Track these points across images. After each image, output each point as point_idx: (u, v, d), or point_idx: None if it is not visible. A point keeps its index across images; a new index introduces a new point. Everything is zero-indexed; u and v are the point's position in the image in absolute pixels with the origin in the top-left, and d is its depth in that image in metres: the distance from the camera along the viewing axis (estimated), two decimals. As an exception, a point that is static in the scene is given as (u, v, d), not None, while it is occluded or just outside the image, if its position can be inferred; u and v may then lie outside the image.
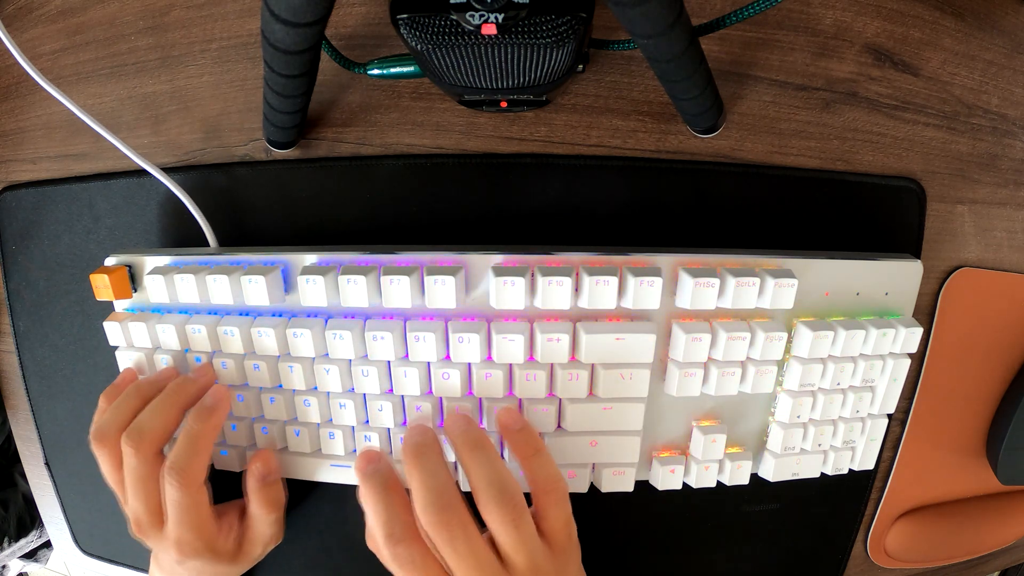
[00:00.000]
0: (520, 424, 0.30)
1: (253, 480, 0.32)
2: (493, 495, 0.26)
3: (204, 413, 0.30)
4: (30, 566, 0.71)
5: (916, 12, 0.35)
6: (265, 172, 0.36)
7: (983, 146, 0.37)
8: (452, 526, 0.26)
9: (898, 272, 0.33)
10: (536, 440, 0.29)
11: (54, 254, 0.39)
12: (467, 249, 0.31)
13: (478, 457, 0.28)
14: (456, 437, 0.29)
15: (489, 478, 0.27)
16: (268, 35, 0.25)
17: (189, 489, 0.29)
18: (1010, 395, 0.41)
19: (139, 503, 0.30)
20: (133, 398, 0.30)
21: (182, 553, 0.30)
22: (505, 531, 0.26)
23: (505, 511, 0.26)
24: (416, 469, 0.28)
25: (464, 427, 0.29)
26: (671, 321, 0.31)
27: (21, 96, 0.39)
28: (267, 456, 0.33)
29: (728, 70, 0.34)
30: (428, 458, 0.28)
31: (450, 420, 0.30)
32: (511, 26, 0.22)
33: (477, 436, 0.29)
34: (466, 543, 0.26)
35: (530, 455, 0.29)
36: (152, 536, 0.30)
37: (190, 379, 0.31)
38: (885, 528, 0.43)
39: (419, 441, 0.29)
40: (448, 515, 0.26)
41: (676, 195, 0.35)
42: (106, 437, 0.30)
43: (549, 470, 0.28)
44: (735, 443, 0.35)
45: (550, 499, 0.28)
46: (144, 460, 0.29)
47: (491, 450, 0.28)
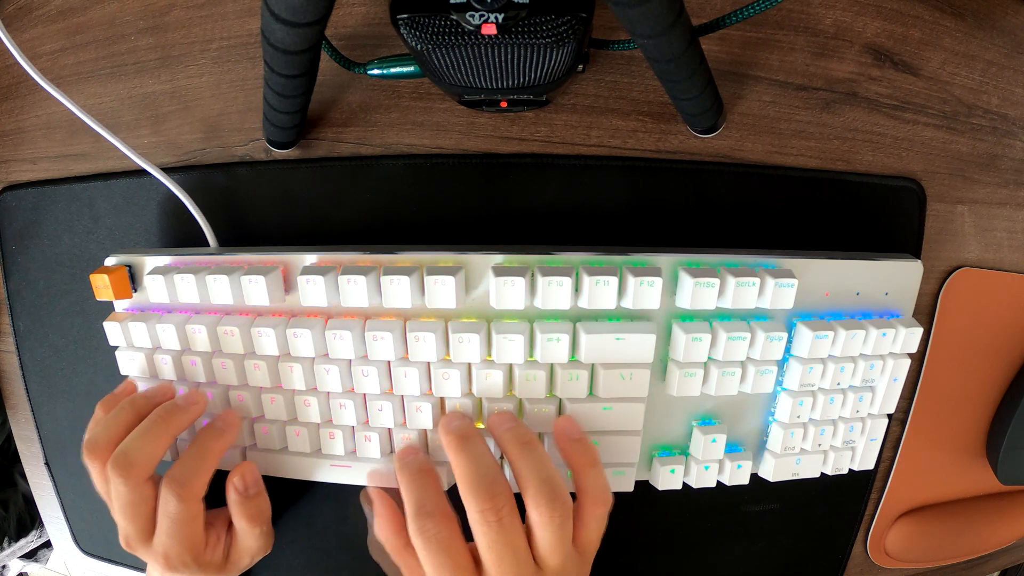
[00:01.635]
0: (579, 434, 0.30)
1: (235, 494, 0.32)
2: (545, 492, 0.26)
3: (215, 433, 0.31)
4: (30, 566, 0.71)
5: (916, 12, 0.35)
6: (265, 172, 0.36)
7: (983, 146, 0.37)
8: (502, 511, 0.26)
9: (898, 272, 0.33)
10: (593, 451, 0.29)
11: (54, 254, 0.39)
12: (467, 249, 0.31)
13: (529, 453, 0.28)
14: (504, 433, 0.29)
15: (542, 476, 0.27)
16: (268, 35, 0.25)
17: (188, 504, 0.29)
18: (1010, 395, 0.41)
19: (127, 523, 0.29)
20: (127, 412, 0.30)
21: (169, 566, 0.30)
22: (549, 531, 0.26)
23: (555, 511, 0.26)
24: (463, 453, 0.28)
25: (512, 424, 0.29)
26: (671, 321, 0.31)
27: (21, 96, 0.39)
28: (246, 468, 0.32)
29: (728, 70, 0.34)
30: (474, 443, 0.28)
31: (496, 418, 0.30)
32: (511, 26, 0.22)
33: (527, 434, 0.29)
34: (512, 532, 0.26)
35: (587, 465, 0.29)
36: (140, 550, 0.30)
37: (181, 407, 0.31)
38: (885, 528, 0.43)
39: (461, 426, 0.29)
40: (499, 500, 0.26)
41: (676, 195, 0.35)
42: (98, 450, 0.29)
43: (601, 483, 0.29)
44: (735, 443, 0.35)
45: (597, 511, 0.28)
46: (133, 488, 0.28)
47: (542, 449, 0.28)
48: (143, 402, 0.31)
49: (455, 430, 0.29)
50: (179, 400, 0.31)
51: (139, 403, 0.31)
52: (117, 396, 0.33)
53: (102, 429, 0.30)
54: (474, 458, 0.28)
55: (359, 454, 0.33)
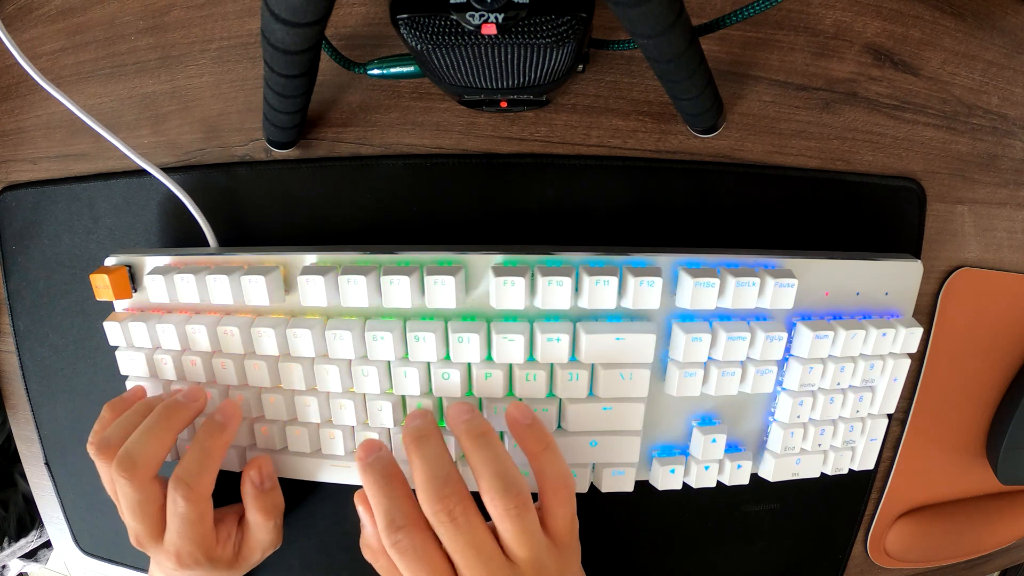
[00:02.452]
0: (530, 419, 0.29)
1: (250, 487, 0.32)
2: (498, 486, 0.26)
3: (215, 428, 0.30)
4: (30, 566, 0.71)
5: (916, 12, 0.35)
6: (265, 172, 0.36)
7: (983, 146, 0.37)
8: (454, 511, 0.25)
9: (898, 272, 0.33)
10: (546, 435, 0.29)
11: (54, 254, 0.39)
12: (467, 249, 0.31)
13: (482, 447, 0.27)
14: (459, 427, 0.29)
15: (494, 469, 0.26)
16: (268, 35, 0.25)
17: (196, 504, 0.29)
18: (1010, 395, 0.41)
19: (136, 523, 0.29)
20: (141, 415, 0.30)
21: (181, 563, 0.30)
22: (510, 523, 0.26)
23: (509, 502, 0.25)
24: (417, 455, 0.27)
25: (468, 417, 0.29)
26: (671, 321, 0.31)
27: (21, 96, 0.39)
28: (263, 462, 0.32)
29: (728, 70, 0.34)
30: (429, 443, 0.28)
31: (453, 410, 0.29)
32: (511, 26, 0.22)
33: (481, 426, 0.28)
34: (469, 530, 0.26)
35: (540, 451, 0.28)
36: (151, 547, 0.30)
37: (182, 404, 0.31)
38: (885, 528, 0.43)
39: (419, 426, 0.29)
40: (450, 499, 0.26)
41: (676, 195, 0.35)
42: (110, 449, 0.29)
43: (558, 467, 0.28)
44: (735, 443, 0.35)
45: (559, 497, 0.28)
46: (139, 487, 0.28)
47: (496, 441, 0.28)
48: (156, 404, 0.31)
49: (412, 431, 0.29)
50: (180, 397, 0.31)
51: (153, 405, 0.31)
52: (126, 400, 0.33)
53: (114, 429, 0.30)
54: (426, 459, 0.27)
55: (359, 454, 0.33)
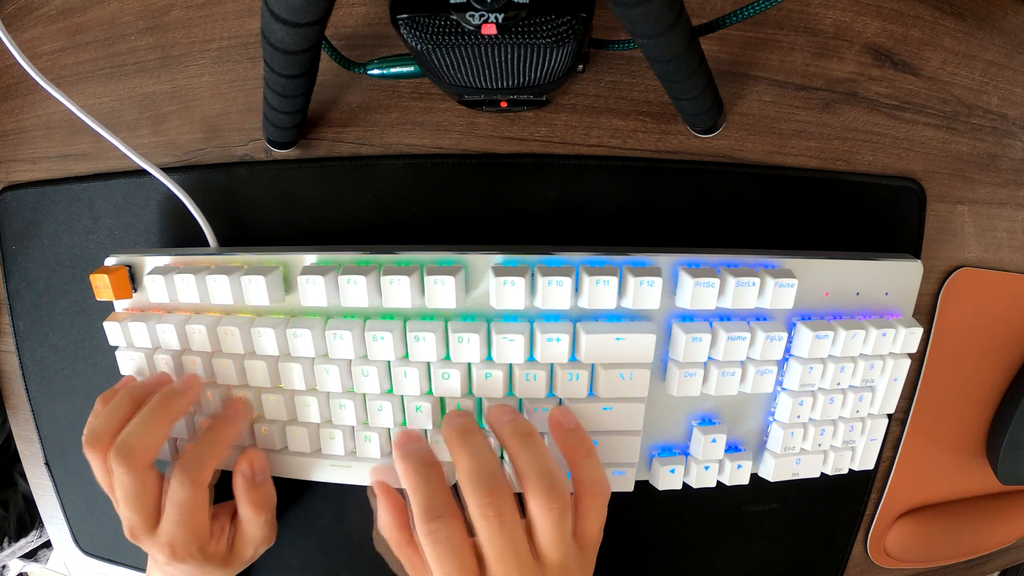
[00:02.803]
0: (574, 424, 0.30)
1: (242, 481, 0.32)
2: (544, 486, 0.26)
3: (223, 421, 0.31)
4: (30, 566, 0.71)
5: (916, 12, 0.35)
6: (265, 172, 0.36)
7: (983, 146, 0.37)
8: (501, 507, 0.26)
9: (898, 272, 0.33)
10: (588, 442, 0.29)
11: (54, 254, 0.39)
12: (467, 249, 0.31)
13: (528, 446, 0.28)
14: (504, 427, 0.29)
15: (541, 468, 0.27)
16: (268, 35, 0.25)
17: (198, 490, 0.29)
18: (1010, 395, 0.41)
19: (132, 513, 0.29)
20: (125, 403, 0.30)
21: (174, 555, 0.30)
22: (549, 524, 0.26)
23: (553, 503, 0.26)
24: (463, 448, 0.28)
25: (512, 417, 0.29)
26: (671, 321, 0.31)
27: (21, 96, 0.39)
28: (254, 455, 0.32)
29: (728, 70, 0.34)
30: (475, 439, 0.28)
31: (496, 411, 0.30)
32: (511, 26, 0.22)
33: (526, 426, 0.29)
34: (512, 527, 0.26)
35: (582, 456, 0.29)
36: (144, 540, 0.30)
37: (177, 392, 0.31)
38: (885, 528, 0.43)
39: (462, 422, 0.29)
40: (498, 495, 0.26)
41: (676, 195, 0.35)
42: (99, 442, 0.29)
43: (597, 472, 0.28)
44: (735, 443, 0.35)
45: (595, 502, 0.28)
46: (136, 476, 0.29)
47: (541, 442, 0.28)
48: (140, 392, 0.31)
49: (456, 426, 0.29)
50: (175, 385, 0.31)
51: (136, 393, 0.31)
52: (116, 391, 0.33)
53: (101, 420, 0.30)
54: (474, 453, 0.28)
55: (359, 454, 0.33)
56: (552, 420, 0.30)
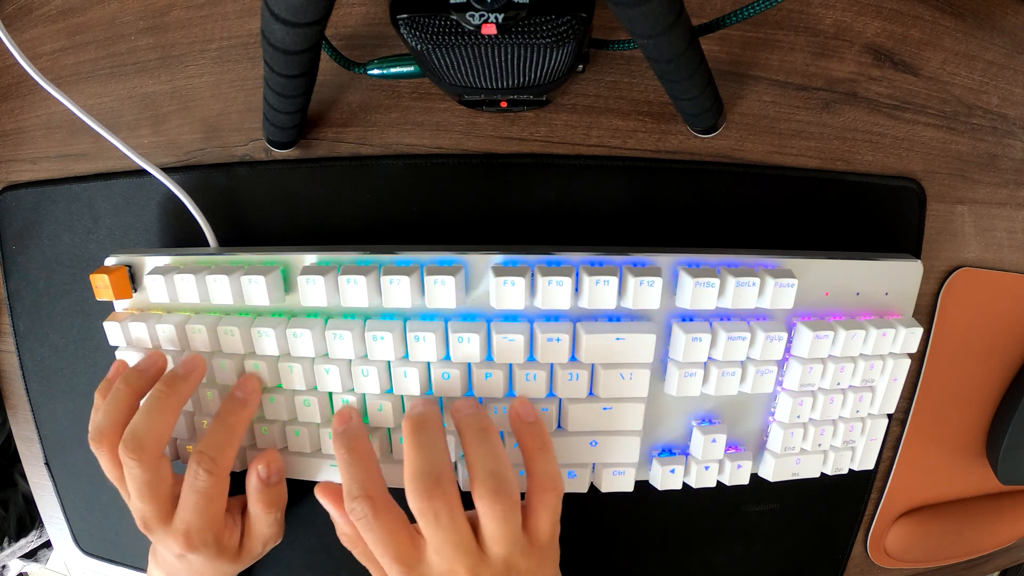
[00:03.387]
0: (532, 417, 0.30)
1: (256, 480, 0.32)
2: (490, 486, 0.26)
3: (237, 404, 0.31)
4: (30, 566, 0.71)
5: (916, 12, 0.35)
6: (265, 172, 0.36)
7: (983, 146, 0.37)
8: (438, 506, 0.26)
9: (898, 272, 0.33)
10: (545, 436, 0.29)
11: (54, 254, 0.39)
12: (467, 249, 0.31)
13: (481, 443, 0.28)
14: (462, 419, 0.29)
15: (489, 468, 0.27)
16: (268, 35, 0.25)
17: (218, 478, 0.29)
18: (1010, 395, 0.41)
19: (145, 504, 0.29)
20: (124, 393, 0.30)
21: (189, 544, 0.29)
22: (494, 523, 0.26)
23: (498, 504, 0.26)
24: (413, 442, 0.27)
25: (472, 411, 0.29)
26: (671, 321, 0.31)
27: (21, 96, 0.39)
28: (272, 457, 0.32)
29: (728, 70, 0.34)
30: (427, 432, 0.28)
31: (459, 403, 0.30)
32: (511, 26, 0.22)
33: (483, 422, 0.29)
34: (452, 528, 0.26)
35: (536, 449, 0.28)
36: (158, 531, 0.30)
37: (181, 376, 0.30)
38: (885, 528, 0.43)
39: (420, 413, 0.29)
40: (437, 494, 0.26)
41: (676, 195, 0.35)
42: (103, 436, 0.29)
43: (550, 468, 0.28)
44: (735, 443, 0.35)
45: (546, 498, 0.28)
46: (148, 467, 0.28)
47: (495, 438, 0.28)
48: (136, 377, 0.30)
49: (413, 417, 0.28)
50: (178, 369, 0.31)
51: (132, 379, 0.30)
52: (111, 380, 0.32)
53: (102, 414, 0.29)
54: (420, 450, 0.27)
55: (359, 454, 0.33)
56: (512, 411, 0.30)
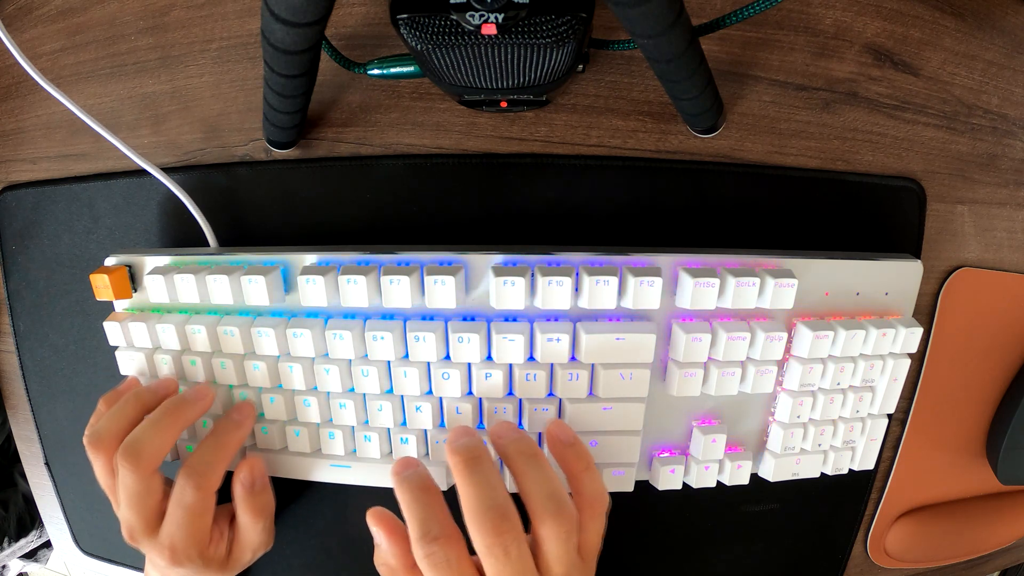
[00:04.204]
0: (571, 439, 0.29)
1: (240, 488, 0.32)
2: (551, 508, 0.26)
3: (231, 425, 0.31)
4: (30, 566, 0.71)
5: (916, 12, 0.35)
6: (265, 172, 0.36)
7: (983, 146, 0.37)
8: (509, 548, 0.25)
9: (898, 272, 0.33)
10: (588, 455, 0.29)
11: (54, 254, 0.39)
12: (467, 249, 0.31)
13: (533, 468, 0.27)
14: (509, 446, 0.28)
15: (548, 491, 0.26)
16: (268, 35, 0.25)
17: (205, 493, 0.29)
18: (1010, 395, 0.41)
19: (133, 515, 0.29)
20: (131, 405, 0.30)
21: (174, 559, 0.30)
22: (556, 544, 0.26)
23: (561, 525, 0.26)
24: (470, 479, 0.27)
25: (516, 436, 0.29)
26: (671, 321, 0.31)
27: (21, 96, 0.39)
28: (253, 463, 0.32)
29: (728, 70, 0.34)
30: (482, 467, 0.27)
31: (500, 429, 0.29)
32: (511, 26, 0.22)
33: (531, 447, 0.28)
34: (519, 556, 0.25)
35: (581, 470, 0.28)
36: (144, 542, 0.30)
37: (189, 401, 0.31)
38: (885, 528, 0.43)
39: (469, 446, 0.28)
40: (508, 535, 0.25)
41: (676, 195, 0.35)
42: (102, 443, 0.29)
43: (597, 486, 0.28)
44: (735, 443, 0.35)
45: (594, 514, 0.28)
46: (141, 478, 0.28)
47: (546, 462, 0.28)
48: (148, 396, 0.31)
49: (461, 450, 0.28)
50: (187, 394, 0.31)
51: (144, 397, 0.31)
52: (120, 392, 0.33)
53: (106, 421, 0.30)
54: (481, 486, 0.27)
55: (359, 454, 0.33)
56: (550, 435, 0.30)
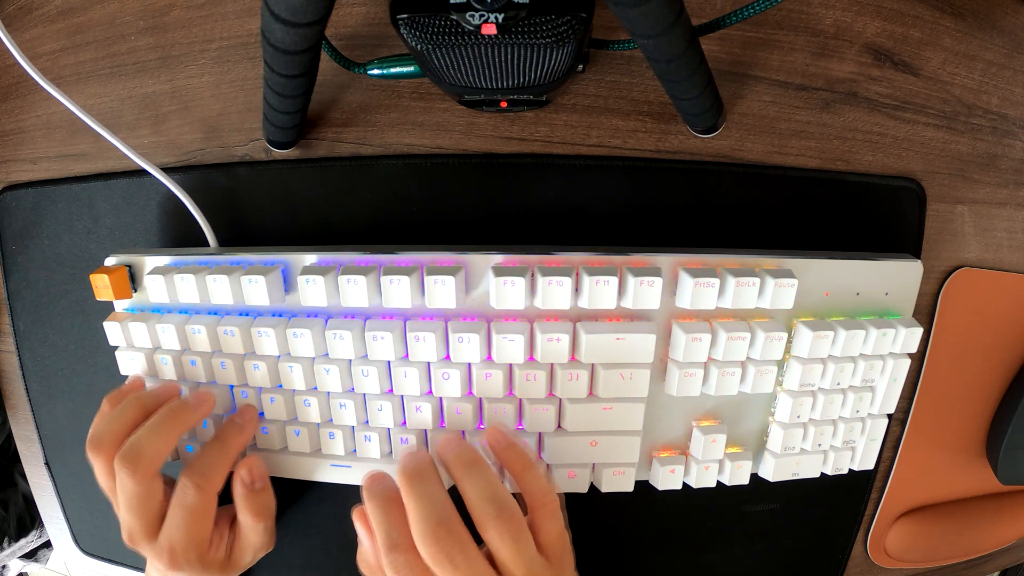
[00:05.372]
0: (507, 441, 0.30)
1: (241, 487, 0.32)
2: (490, 512, 0.26)
3: (235, 429, 0.31)
4: (30, 566, 0.71)
5: (916, 12, 0.35)
6: (265, 172, 0.36)
7: (983, 146, 0.37)
8: (450, 549, 0.25)
9: (898, 272, 0.33)
10: (524, 456, 0.29)
11: (54, 254, 0.39)
12: (467, 249, 0.31)
13: (472, 475, 0.28)
14: (449, 458, 0.29)
15: (485, 495, 0.27)
16: (268, 35, 0.25)
17: (205, 497, 0.29)
18: (1010, 395, 0.41)
19: (133, 518, 0.29)
20: (133, 408, 0.30)
21: (173, 562, 0.30)
22: (505, 546, 0.26)
23: (503, 527, 0.26)
24: (411, 494, 0.27)
25: (456, 447, 0.29)
26: (671, 321, 0.31)
27: (21, 96, 0.39)
28: (253, 462, 0.32)
29: (728, 70, 0.34)
30: (422, 482, 0.28)
31: (442, 443, 0.30)
32: (511, 26, 0.22)
33: (470, 454, 0.29)
34: (467, 563, 0.26)
35: (520, 470, 0.29)
36: (144, 545, 0.30)
37: (190, 405, 0.31)
38: (885, 528, 0.43)
39: (413, 465, 0.29)
40: (445, 538, 0.26)
41: (676, 195, 0.35)
42: (102, 445, 0.29)
43: (540, 484, 0.28)
44: (735, 443, 0.35)
45: (545, 512, 0.28)
46: (140, 482, 0.28)
47: (485, 467, 0.28)
48: (150, 399, 0.31)
49: (406, 469, 0.28)
50: (188, 399, 0.31)
51: (146, 400, 0.31)
52: (124, 392, 0.33)
53: (106, 424, 0.30)
54: (420, 498, 0.27)
55: (359, 454, 0.33)
56: (488, 440, 0.30)
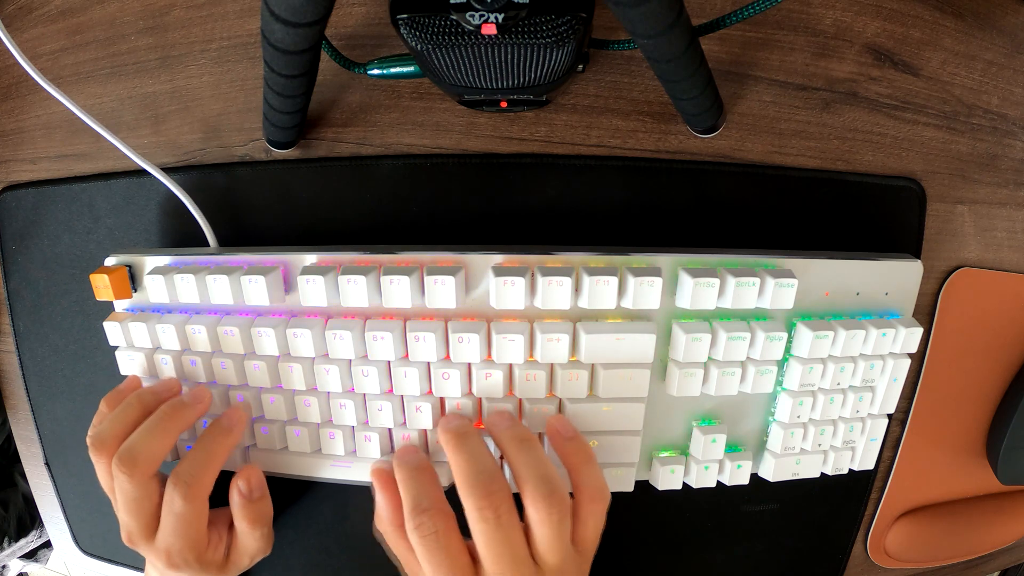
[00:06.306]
0: (572, 432, 0.30)
1: (238, 496, 0.32)
2: (543, 491, 0.26)
3: (221, 431, 0.31)
4: (30, 566, 0.71)
5: (916, 12, 0.35)
6: (265, 172, 0.36)
7: (983, 146, 0.37)
8: (500, 509, 0.26)
9: (898, 272, 0.33)
10: (588, 449, 0.29)
11: (54, 254, 0.39)
12: (467, 249, 0.31)
13: (526, 451, 0.28)
14: (502, 432, 0.29)
15: (540, 473, 0.27)
16: (268, 35, 0.25)
17: (193, 503, 0.29)
18: (1010, 395, 0.41)
19: (131, 519, 0.29)
20: (134, 408, 0.30)
21: (170, 563, 0.30)
22: (548, 529, 0.26)
23: (553, 508, 0.26)
24: (460, 450, 0.28)
25: (510, 423, 0.30)
26: (671, 321, 0.31)
27: (21, 96, 0.39)
28: (251, 472, 0.32)
29: (728, 70, 0.34)
30: (472, 441, 0.29)
31: (494, 416, 0.30)
32: (511, 26, 0.22)
33: (525, 432, 0.29)
34: (510, 527, 0.26)
35: (582, 463, 0.29)
36: (142, 546, 0.30)
37: (187, 404, 0.31)
38: (885, 528, 0.43)
39: (457, 424, 0.30)
40: (497, 497, 0.26)
41: (676, 195, 0.35)
42: (104, 446, 0.29)
43: (599, 480, 0.29)
44: (735, 443, 0.35)
45: (594, 508, 0.28)
46: (138, 484, 0.29)
47: (540, 446, 0.28)
48: (149, 398, 0.31)
49: (453, 428, 0.29)
50: (185, 397, 0.31)
51: (145, 399, 0.31)
52: (122, 392, 0.33)
53: (108, 424, 0.30)
54: (472, 455, 0.28)
55: (359, 454, 0.33)
56: (550, 429, 0.30)
